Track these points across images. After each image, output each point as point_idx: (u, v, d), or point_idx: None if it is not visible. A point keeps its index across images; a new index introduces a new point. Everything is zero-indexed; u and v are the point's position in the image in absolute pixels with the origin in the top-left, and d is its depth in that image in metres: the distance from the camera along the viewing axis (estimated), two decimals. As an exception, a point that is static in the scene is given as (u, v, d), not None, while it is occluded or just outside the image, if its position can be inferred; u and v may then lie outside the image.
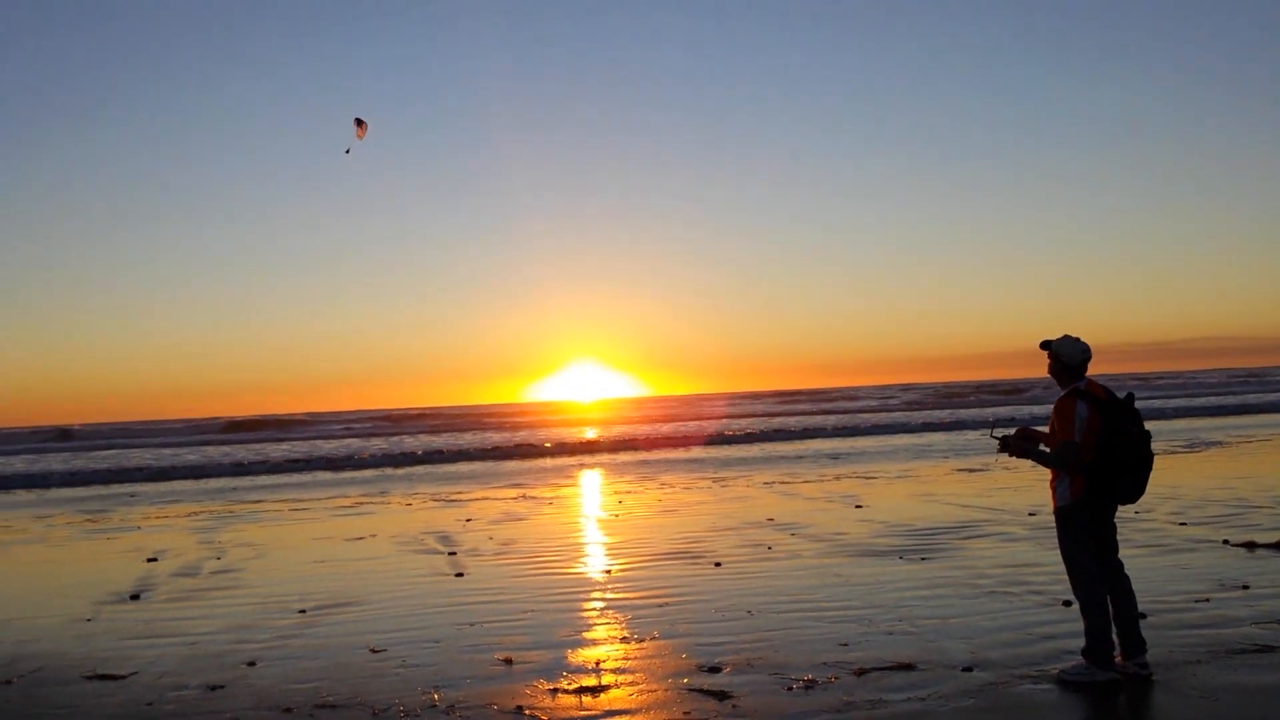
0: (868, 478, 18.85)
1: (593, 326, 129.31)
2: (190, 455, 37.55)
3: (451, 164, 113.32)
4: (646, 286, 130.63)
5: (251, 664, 6.95)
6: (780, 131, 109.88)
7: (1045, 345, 5.92)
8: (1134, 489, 5.66)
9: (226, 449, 41.86)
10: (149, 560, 12.17)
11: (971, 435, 31.06)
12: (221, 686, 6.41)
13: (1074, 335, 5.87)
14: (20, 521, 17.66)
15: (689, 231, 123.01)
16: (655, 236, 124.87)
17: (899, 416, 46.81)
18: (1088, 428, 5.63)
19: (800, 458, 25.42)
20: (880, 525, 12.37)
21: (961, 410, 51.69)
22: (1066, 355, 5.82)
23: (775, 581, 9.12)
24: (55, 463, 36.23)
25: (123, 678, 6.75)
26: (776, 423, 46.09)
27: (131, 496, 22.28)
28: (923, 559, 9.92)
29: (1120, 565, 5.84)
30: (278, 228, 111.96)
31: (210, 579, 10.72)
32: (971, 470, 19.39)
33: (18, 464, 36.46)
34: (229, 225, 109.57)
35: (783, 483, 18.56)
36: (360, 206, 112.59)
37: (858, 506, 14.34)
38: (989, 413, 44.59)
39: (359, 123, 14.49)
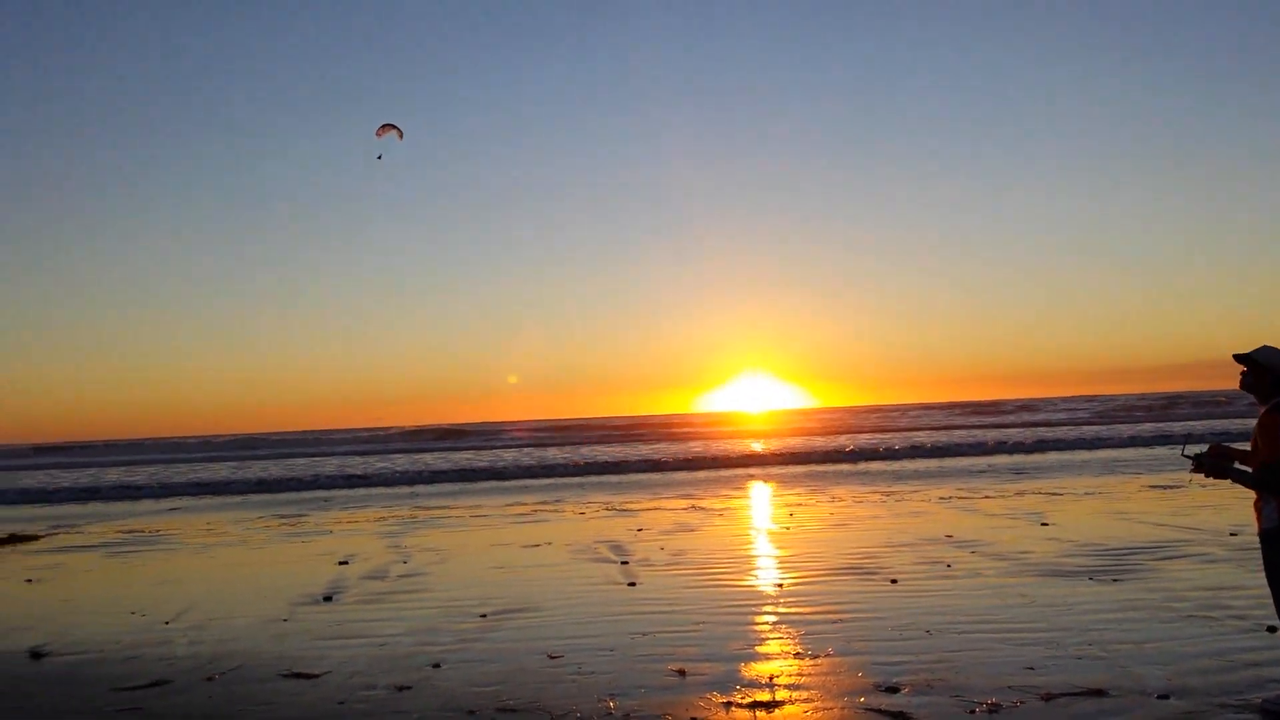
0: (1053, 494, 18.11)
1: (763, 337, 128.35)
2: (380, 463, 39.25)
3: (624, 171, 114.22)
4: (818, 296, 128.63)
5: (436, 666, 7.21)
6: (960, 134, 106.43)
7: (1242, 359, 5.52)
8: (1350, 512, 5.24)
9: (412, 456, 43.61)
10: (340, 563, 12.78)
11: (1164, 451, 29.46)
12: (409, 687, 6.67)
13: (1275, 346, 5.47)
14: (222, 525, 18.82)
15: (862, 239, 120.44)
16: (827, 245, 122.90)
17: (1087, 430, 44.80)
18: (1297, 446, 5.24)
19: (980, 472, 24.63)
20: (1068, 544, 11.86)
21: (1155, 424, 49.06)
22: (1275, 365, 5.41)
23: (955, 600, 8.86)
24: (255, 469, 38.50)
25: (316, 676, 7.11)
26: (953, 436, 44.80)
27: (325, 501, 23.47)
28: (1114, 580, 9.46)
29: (1333, 593, 5.43)
30: (446, 235, 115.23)
31: (397, 582, 11.17)
32: (1166, 487, 18.37)
33: (223, 470, 38.90)
34: (400, 233, 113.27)
35: (961, 498, 18.03)
36: (529, 214, 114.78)
37: (1043, 524, 13.80)
38: (1184, 426, 42.19)
39: (390, 127, 14.68)
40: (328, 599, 10.27)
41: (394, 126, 14.85)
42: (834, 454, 33.99)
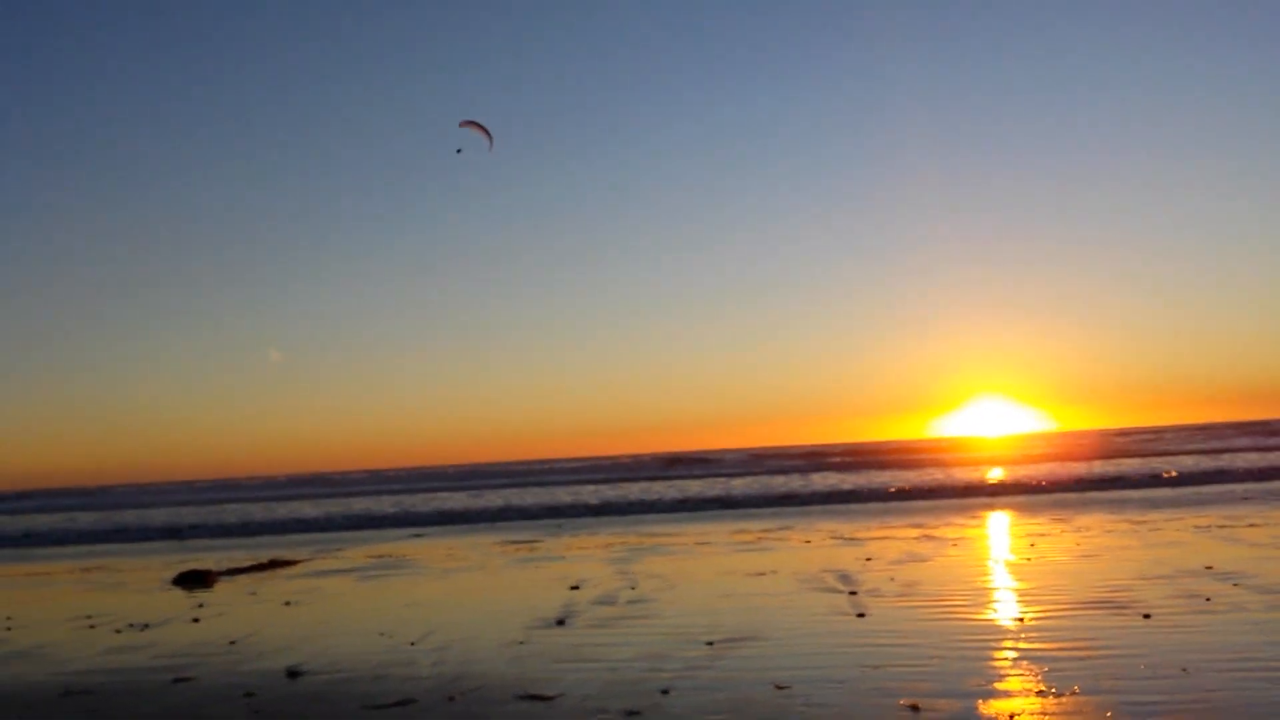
0: (1328, 522, 16.53)
1: (1000, 358, 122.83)
2: (607, 491, 40.14)
3: (854, 189, 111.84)
4: (1059, 313, 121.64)
5: (665, 692, 7.26)
6: (1211, 132, 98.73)
7: None
8: None
9: (637, 484, 44.34)
10: (572, 588, 13.09)
11: None
12: (638, 713, 6.74)
13: None
14: (462, 550, 19.66)
15: (1107, 249, 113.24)
16: (1069, 257, 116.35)
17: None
18: None
19: (1244, 499, 22.75)
20: (1346, 577, 10.79)
21: None
22: None
23: (1215, 636, 8.21)
24: (492, 497, 40.15)
25: (550, 699, 7.29)
26: (1212, 459, 41.64)
27: (557, 528, 24.17)
28: (1405, 619, 8.53)
29: None
30: (660, 262, 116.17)
31: (626, 608, 11.34)
32: None
33: (462, 498, 40.72)
34: (616, 264, 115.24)
35: (1221, 526, 16.70)
36: (750, 236, 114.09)
37: (1316, 555, 12.61)
38: None
39: (478, 127, 14.42)
40: (560, 623, 10.53)
41: (483, 130, 14.85)
42: (1078, 480, 32.21)
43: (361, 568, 17.34)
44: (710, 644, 8.98)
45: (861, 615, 10.07)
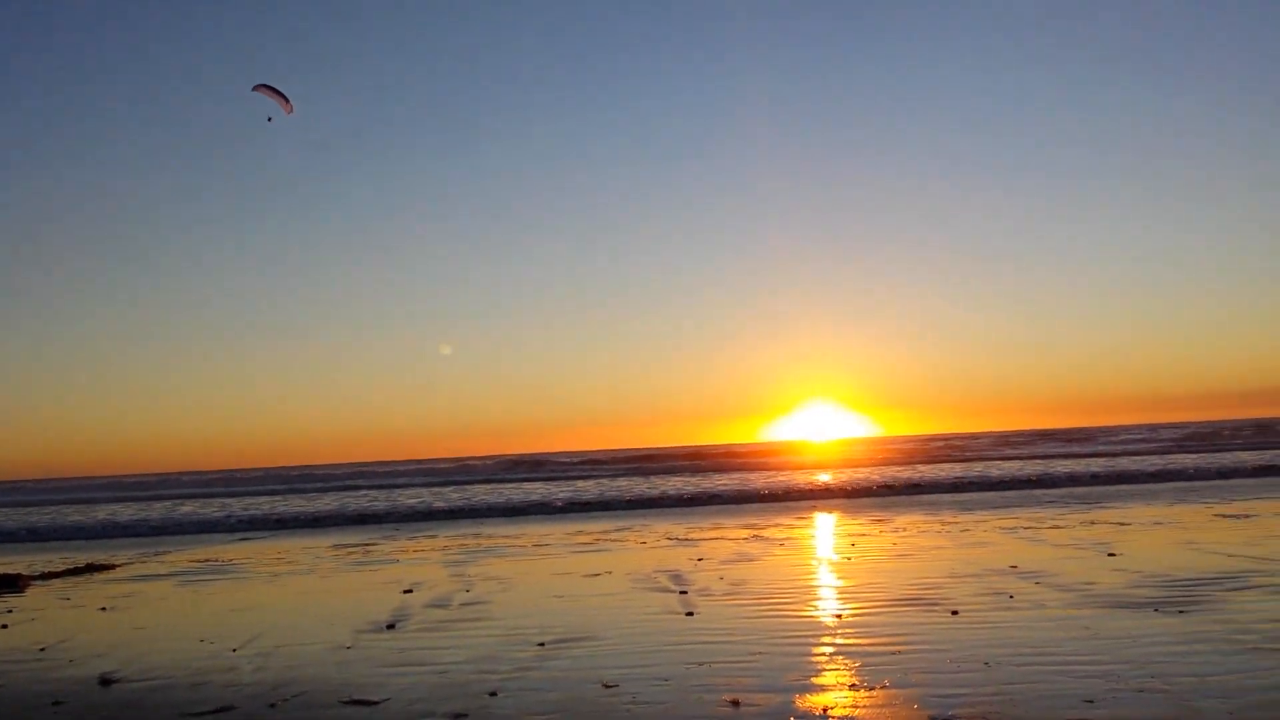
0: (1122, 523, 17.76)
1: (829, 365, 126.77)
2: (447, 493, 39.70)
3: (687, 199, 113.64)
4: (885, 323, 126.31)
5: (493, 694, 7.30)
6: (1038, 155, 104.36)
7: None
8: None
9: (477, 487, 44.00)
10: (405, 592, 12.96)
11: (1241, 482, 28.67)
12: (465, 715, 6.77)
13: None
14: (292, 554, 19.18)
15: (929, 265, 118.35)
16: (894, 271, 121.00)
17: (1158, 459, 43.80)
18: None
19: (1048, 502, 24.21)
20: (1135, 575, 11.64)
21: (1229, 453, 47.80)
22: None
23: (1016, 632, 8.76)
24: (328, 500, 39.17)
25: (375, 703, 7.24)
26: (1021, 465, 44.06)
27: (394, 530, 23.82)
28: (1180, 611, 9.27)
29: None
30: (502, 265, 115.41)
31: (459, 610, 11.31)
32: (1239, 516, 17.92)
33: (297, 502, 39.59)
34: (457, 263, 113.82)
35: (1027, 528, 17.75)
36: (589, 243, 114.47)
37: (1110, 554, 13.54)
38: (1261, 456, 41.00)
39: (274, 93, 14.23)
40: (391, 627, 10.43)
41: (278, 95, 14.42)
42: (898, 484, 33.62)
43: (185, 572, 16.73)
44: (542, 645, 9.07)
45: (690, 614, 10.33)
